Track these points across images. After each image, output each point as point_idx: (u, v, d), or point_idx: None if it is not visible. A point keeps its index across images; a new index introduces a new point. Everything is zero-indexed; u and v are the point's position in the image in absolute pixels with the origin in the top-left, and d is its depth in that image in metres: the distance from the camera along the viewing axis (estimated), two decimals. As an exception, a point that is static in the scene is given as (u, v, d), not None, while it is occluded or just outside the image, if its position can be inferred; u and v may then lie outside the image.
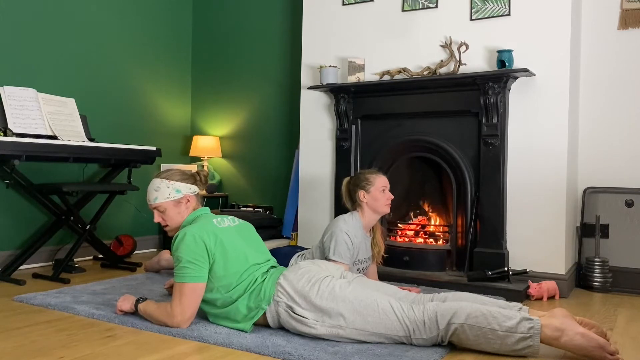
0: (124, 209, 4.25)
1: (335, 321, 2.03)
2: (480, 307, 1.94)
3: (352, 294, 2.06)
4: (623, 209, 3.30)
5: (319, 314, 2.05)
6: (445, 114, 3.37)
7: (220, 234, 2.21)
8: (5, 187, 3.45)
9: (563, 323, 1.88)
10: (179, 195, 2.31)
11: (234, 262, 2.19)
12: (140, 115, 4.44)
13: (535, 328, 1.86)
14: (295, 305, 2.09)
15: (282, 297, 2.12)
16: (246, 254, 2.24)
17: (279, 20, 4.48)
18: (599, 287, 3.20)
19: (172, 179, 2.33)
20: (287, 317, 2.10)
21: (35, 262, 3.55)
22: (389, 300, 2.03)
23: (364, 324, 2.01)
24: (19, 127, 3.23)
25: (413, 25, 3.53)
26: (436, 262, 3.36)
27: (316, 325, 2.05)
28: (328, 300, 2.05)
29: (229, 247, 2.20)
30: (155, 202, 2.32)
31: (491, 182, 3.22)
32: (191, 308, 2.15)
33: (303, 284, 2.11)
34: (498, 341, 1.89)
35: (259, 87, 4.58)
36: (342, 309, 2.03)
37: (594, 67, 3.42)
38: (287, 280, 2.14)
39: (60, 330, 2.16)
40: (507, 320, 1.89)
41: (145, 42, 4.47)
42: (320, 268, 2.23)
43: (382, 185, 2.83)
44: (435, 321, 1.95)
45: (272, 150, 4.50)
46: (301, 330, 2.08)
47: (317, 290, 2.08)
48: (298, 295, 2.09)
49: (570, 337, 1.86)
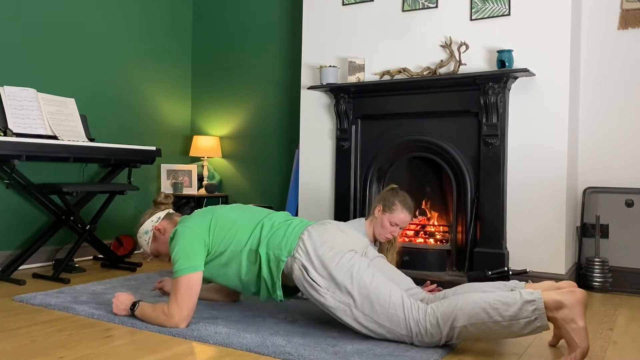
0: (124, 209, 4.25)
1: (345, 298, 2.02)
2: (479, 300, 1.88)
3: (369, 279, 2.02)
4: (623, 209, 3.30)
5: (332, 284, 2.03)
6: (445, 114, 3.37)
7: (215, 208, 2.29)
8: (5, 187, 3.45)
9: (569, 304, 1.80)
10: (150, 234, 2.39)
11: (240, 220, 2.22)
12: (140, 115, 4.44)
13: (539, 309, 1.79)
14: (311, 268, 2.06)
15: (300, 255, 2.09)
16: (253, 212, 2.28)
17: (279, 20, 4.48)
18: (599, 287, 3.19)
19: (139, 228, 2.44)
20: (300, 276, 2.08)
21: (35, 262, 3.55)
22: (402, 296, 2.00)
23: (372, 312, 1.99)
24: (19, 127, 3.23)
25: (413, 25, 3.53)
26: (436, 262, 3.36)
27: (326, 295, 2.03)
28: (345, 276, 2.03)
29: (230, 211, 2.27)
30: (146, 253, 2.46)
31: (491, 182, 3.22)
32: (188, 305, 2.13)
33: (325, 250, 2.08)
34: (505, 330, 1.84)
35: (259, 87, 4.58)
36: (355, 291, 2.01)
37: (594, 67, 3.41)
38: (310, 239, 2.12)
39: (60, 330, 2.16)
40: (508, 308, 1.82)
41: (145, 42, 4.47)
42: (347, 238, 2.17)
43: (399, 220, 2.81)
44: (437, 326, 1.92)
45: (272, 150, 4.50)
46: (310, 294, 2.08)
47: (337, 261, 2.05)
48: (317, 259, 2.07)
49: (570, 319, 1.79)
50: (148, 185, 4.48)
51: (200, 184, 4.62)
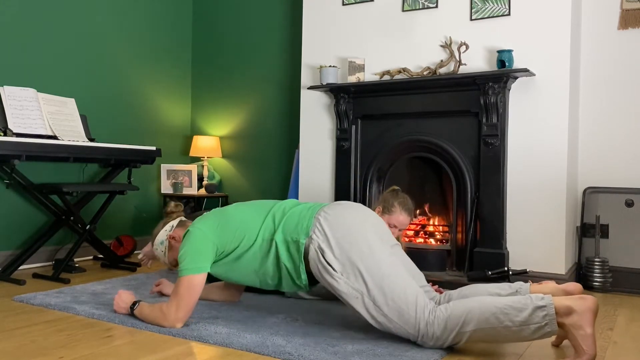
0: (124, 209, 4.25)
1: (358, 286, 1.99)
2: (489, 305, 1.86)
3: (387, 270, 1.99)
4: (623, 209, 3.30)
5: (348, 269, 2.00)
6: (445, 114, 3.37)
7: (225, 209, 2.27)
8: (5, 187, 3.46)
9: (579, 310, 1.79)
10: (166, 243, 2.40)
11: (248, 216, 2.19)
12: (140, 115, 4.44)
13: (550, 314, 1.78)
14: (328, 250, 2.03)
15: (318, 236, 2.05)
16: (260, 205, 2.25)
17: (279, 20, 4.48)
18: (599, 287, 3.19)
19: (154, 240, 2.44)
20: (315, 257, 2.05)
21: (35, 262, 3.55)
22: (417, 295, 1.96)
23: (383, 305, 1.96)
24: (19, 127, 3.23)
25: (413, 25, 3.53)
26: (436, 262, 3.36)
27: (340, 280, 2.00)
28: (362, 263, 1.99)
29: (238, 209, 2.24)
30: (167, 265, 2.47)
31: (491, 182, 3.22)
32: (186, 306, 2.12)
33: (344, 232, 2.04)
34: (514, 335, 1.83)
35: (259, 87, 4.58)
36: (370, 281, 1.98)
37: (594, 67, 3.42)
38: (327, 221, 2.08)
39: (60, 330, 2.16)
40: (518, 314, 1.80)
41: (146, 42, 4.47)
42: (366, 222, 2.12)
43: (397, 222, 2.79)
44: (445, 329, 1.90)
45: (272, 150, 4.50)
46: (323, 277, 2.04)
47: (356, 245, 2.02)
48: (335, 241, 2.03)
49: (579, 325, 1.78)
50: (148, 185, 4.48)
51: (200, 184, 4.62)
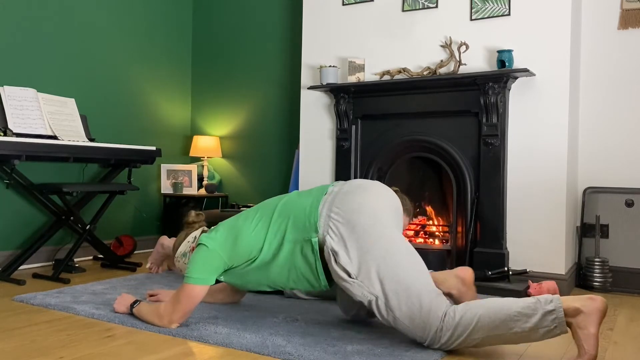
0: (124, 209, 4.25)
1: (373, 289, 1.95)
2: (499, 312, 1.85)
3: (404, 272, 1.94)
4: (623, 209, 3.30)
5: (363, 272, 1.95)
6: (445, 114, 3.37)
7: (236, 223, 2.18)
8: (5, 187, 3.46)
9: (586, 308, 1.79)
10: (188, 255, 2.40)
11: (254, 227, 2.12)
12: (140, 115, 4.44)
13: (559, 317, 1.78)
14: (342, 253, 1.98)
15: (332, 238, 2.00)
16: (264, 210, 2.17)
17: (279, 20, 4.49)
18: (599, 287, 3.19)
19: (175, 252, 2.44)
20: (328, 259, 2.01)
21: (35, 262, 3.55)
22: (432, 300, 1.92)
23: (396, 309, 1.93)
24: (19, 127, 3.23)
25: (413, 25, 3.53)
26: (436, 262, 3.36)
27: (354, 283, 1.96)
28: (379, 266, 1.94)
29: (247, 220, 2.16)
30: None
31: (491, 182, 3.22)
32: (183, 311, 2.13)
33: (359, 234, 1.98)
34: (522, 339, 1.84)
35: (259, 87, 4.58)
36: (386, 286, 1.93)
37: (594, 67, 3.42)
38: (341, 220, 2.01)
39: (60, 330, 2.16)
40: (528, 320, 1.80)
41: (146, 42, 4.47)
42: (382, 215, 2.05)
43: None
44: (453, 335, 1.89)
45: (272, 150, 4.50)
46: (338, 279, 2.00)
47: (373, 251, 1.96)
48: (350, 243, 1.98)
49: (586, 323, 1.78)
50: (148, 185, 4.48)
51: (200, 184, 4.62)
